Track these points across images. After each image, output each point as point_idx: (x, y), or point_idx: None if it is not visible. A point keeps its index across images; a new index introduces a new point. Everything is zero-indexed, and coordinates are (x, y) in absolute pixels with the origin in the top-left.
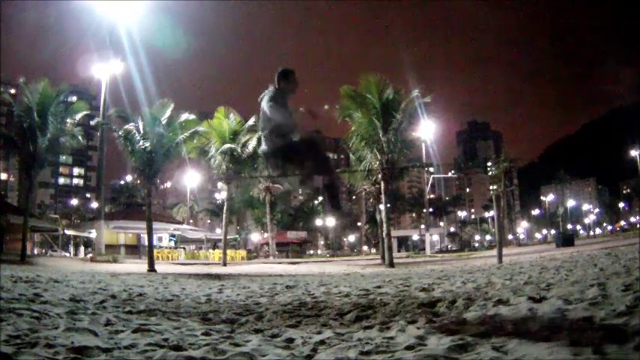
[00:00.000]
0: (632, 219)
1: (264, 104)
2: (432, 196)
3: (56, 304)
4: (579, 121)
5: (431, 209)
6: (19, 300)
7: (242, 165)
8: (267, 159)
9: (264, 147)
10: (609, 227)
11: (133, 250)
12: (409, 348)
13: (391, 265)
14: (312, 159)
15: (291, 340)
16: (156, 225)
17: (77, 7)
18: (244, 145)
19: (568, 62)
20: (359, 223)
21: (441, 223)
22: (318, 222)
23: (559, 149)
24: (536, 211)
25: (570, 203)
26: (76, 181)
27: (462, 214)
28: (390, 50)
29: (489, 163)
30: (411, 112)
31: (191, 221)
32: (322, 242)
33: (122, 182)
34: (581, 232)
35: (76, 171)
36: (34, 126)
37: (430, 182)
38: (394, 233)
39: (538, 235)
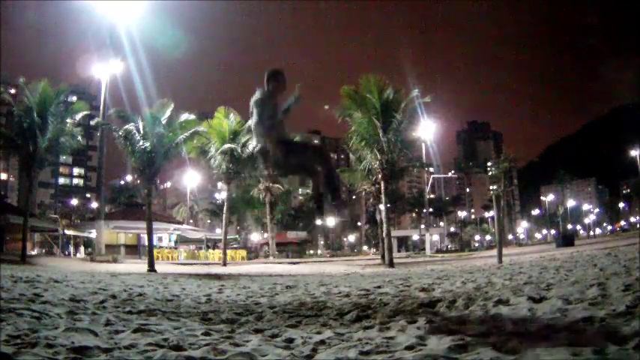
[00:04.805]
0: (632, 219)
1: (253, 106)
2: (432, 196)
3: (56, 304)
4: (579, 121)
5: (431, 209)
6: (19, 300)
7: (242, 165)
8: (265, 157)
9: (261, 146)
10: (609, 227)
11: (133, 250)
12: (409, 348)
13: (391, 265)
14: (323, 167)
15: (291, 340)
16: (156, 225)
17: (77, 7)
18: (244, 145)
19: (568, 62)
20: (359, 223)
21: (441, 223)
22: (318, 222)
23: (559, 149)
24: (536, 211)
25: (570, 203)
26: (76, 181)
27: (462, 214)
28: (390, 50)
29: (489, 163)
30: (411, 112)
31: (191, 221)
32: (322, 242)
33: (122, 182)
34: (581, 232)
35: (76, 171)
36: (34, 126)
37: (430, 182)
38: (394, 233)
39: (538, 235)
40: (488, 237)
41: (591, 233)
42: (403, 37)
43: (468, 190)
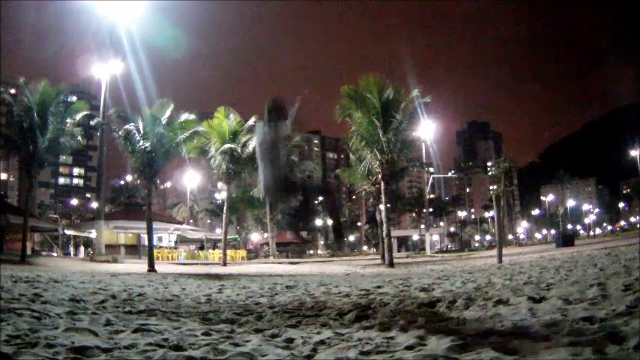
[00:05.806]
0: (632, 219)
1: (257, 142)
2: (432, 196)
3: (56, 304)
4: (579, 121)
5: (431, 209)
6: (19, 300)
7: (242, 165)
8: (268, 191)
9: (265, 180)
10: (609, 227)
11: (133, 250)
12: (409, 348)
13: (391, 265)
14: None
15: (291, 340)
16: (156, 225)
17: (77, 7)
18: (244, 145)
19: (568, 62)
20: (359, 223)
21: (441, 223)
22: (318, 222)
23: (559, 149)
24: (536, 211)
25: (570, 203)
26: (76, 181)
27: (462, 214)
28: (390, 50)
29: (489, 163)
30: (411, 112)
31: (191, 221)
32: (322, 242)
33: (122, 182)
34: (581, 232)
35: (76, 171)
36: (34, 126)
37: (430, 182)
38: (394, 233)
39: (538, 235)
40: (488, 237)
41: (591, 233)
42: (403, 36)
43: (468, 190)
